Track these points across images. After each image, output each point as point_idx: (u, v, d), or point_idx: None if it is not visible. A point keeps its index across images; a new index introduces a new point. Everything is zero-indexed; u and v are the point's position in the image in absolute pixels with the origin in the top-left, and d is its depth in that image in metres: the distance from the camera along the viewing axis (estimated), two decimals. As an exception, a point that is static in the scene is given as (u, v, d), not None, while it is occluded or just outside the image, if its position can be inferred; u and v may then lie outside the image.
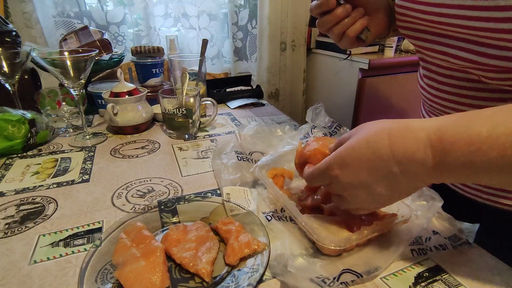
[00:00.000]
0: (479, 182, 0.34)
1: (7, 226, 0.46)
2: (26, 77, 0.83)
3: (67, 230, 0.45)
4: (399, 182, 0.32)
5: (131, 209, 0.50)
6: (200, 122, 0.80)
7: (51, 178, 0.59)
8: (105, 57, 0.93)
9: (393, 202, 0.36)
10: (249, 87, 1.11)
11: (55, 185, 0.56)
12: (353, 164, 0.34)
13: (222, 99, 1.03)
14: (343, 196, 0.37)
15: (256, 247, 0.39)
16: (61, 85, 0.80)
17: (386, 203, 0.37)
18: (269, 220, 0.46)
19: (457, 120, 0.30)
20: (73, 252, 0.41)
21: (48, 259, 0.40)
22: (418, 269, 0.38)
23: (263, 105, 1.02)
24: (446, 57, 0.44)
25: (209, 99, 0.79)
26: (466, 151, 0.28)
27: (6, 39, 0.78)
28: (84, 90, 0.79)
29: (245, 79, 1.15)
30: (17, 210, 0.50)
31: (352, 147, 0.34)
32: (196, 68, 0.81)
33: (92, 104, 0.89)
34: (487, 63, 0.39)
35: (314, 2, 0.50)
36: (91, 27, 1.04)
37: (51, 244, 0.43)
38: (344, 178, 0.35)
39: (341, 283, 0.35)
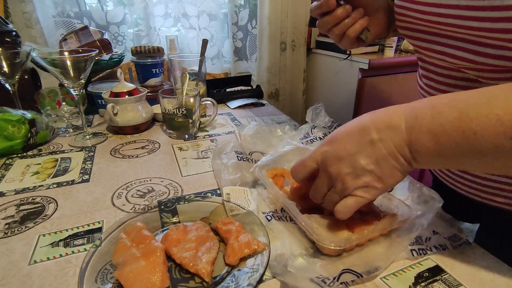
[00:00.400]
0: (449, 166, 0.35)
1: (7, 226, 0.46)
2: (26, 77, 0.83)
3: (67, 230, 0.45)
4: (380, 153, 0.34)
5: (131, 209, 0.50)
6: (200, 122, 0.80)
7: (51, 178, 0.59)
8: (105, 57, 0.93)
9: (377, 185, 0.35)
10: (249, 87, 1.11)
11: (55, 185, 0.56)
12: (340, 137, 0.36)
13: (222, 99, 1.03)
14: (330, 176, 0.37)
15: (256, 247, 0.39)
16: (61, 85, 0.80)
17: (371, 184, 0.35)
18: (269, 220, 0.46)
19: (428, 99, 0.33)
20: (73, 252, 0.41)
21: (48, 259, 0.40)
22: (418, 269, 0.38)
23: (263, 105, 1.02)
24: (444, 56, 0.44)
25: (209, 99, 0.79)
26: (429, 113, 0.31)
27: (6, 39, 0.78)
28: (84, 90, 0.79)
29: (245, 79, 1.15)
30: (17, 210, 0.50)
31: (341, 126, 0.38)
32: (196, 68, 0.81)
33: (92, 104, 0.89)
34: (483, 62, 0.39)
35: (314, 3, 0.50)
36: (91, 27, 1.04)
37: (51, 244, 0.43)
38: (331, 152, 0.36)
39: (341, 283, 0.35)
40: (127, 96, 0.75)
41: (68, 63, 0.63)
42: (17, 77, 0.72)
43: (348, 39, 0.51)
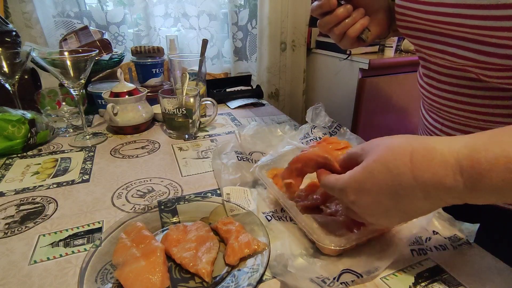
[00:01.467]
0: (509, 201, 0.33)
1: (7, 226, 0.46)
2: (26, 77, 0.83)
3: (67, 230, 0.45)
4: (421, 206, 0.31)
5: (131, 209, 0.50)
6: (200, 122, 0.80)
7: (51, 178, 0.59)
8: (105, 57, 0.93)
9: (410, 219, 0.35)
10: (249, 87, 1.11)
11: (55, 185, 0.56)
12: (371, 190, 0.32)
13: (222, 99, 1.03)
14: (359, 215, 0.35)
15: (256, 247, 0.39)
16: (61, 85, 0.80)
17: (405, 221, 0.36)
18: (269, 220, 0.46)
19: (489, 143, 0.27)
20: (73, 252, 0.41)
21: (48, 259, 0.40)
22: (418, 269, 0.38)
23: (263, 105, 1.02)
24: (445, 55, 0.44)
25: (209, 99, 0.79)
26: (502, 177, 0.26)
27: (6, 39, 0.78)
28: (84, 90, 0.79)
29: (245, 79, 1.15)
30: (17, 210, 0.50)
31: (369, 170, 0.32)
32: (196, 68, 0.81)
33: (92, 104, 0.89)
34: (485, 61, 0.39)
35: (315, 3, 0.50)
36: (91, 27, 1.04)
37: (51, 244, 0.43)
38: (361, 204, 0.33)
39: (341, 283, 0.35)
40: (127, 96, 0.75)
41: (68, 63, 0.63)
42: (17, 77, 0.72)
43: (349, 39, 0.51)
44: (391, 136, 0.33)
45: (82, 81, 0.67)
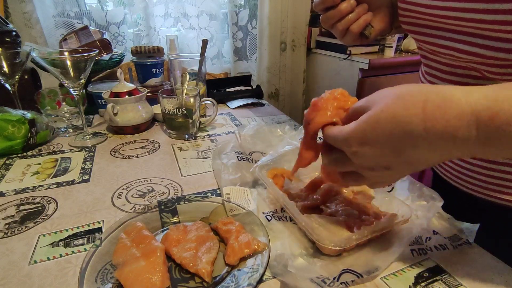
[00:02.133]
0: None
1: (7, 226, 0.46)
2: (26, 77, 0.83)
3: (67, 230, 0.45)
4: (428, 158, 0.29)
5: (131, 209, 0.50)
6: (200, 122, 0.80)
7: (51, 178, 0.59)
8: (105, 57, 0.93)
9: (412, 172, 0.33)
10: (249, 87, 1.11)
11: (55, 185, 0.56)
12: (377, 141, 0.29)
13: (222, 99, 1.03)
14: (359, 172, 0.34)
15: (256, 247, 0.39)
16: (61, 85, 0.80)
17: (405, 175, 0.34)
18: (269, 220, 0.46)
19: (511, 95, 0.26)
20: (73, 252, 0.41)
21: (48, 259, 0.40)
22: (418, 269, 0.38)
23: (263, 105, 1.02)
24: (450, 51, 0.44)
25: (209, 99, 0.79)
26: None
27: (6, 39, 0.78)
28: (84, 90, 0.79)
29: (245, 79, 1.15)
30: (17, 210, 0.50)
31: (375, 120, 0.29)
32: (196, 68, 0.81)
33: (92, 104, 0.89)
34: (491, 56, 0.39)
35: None
36: (91, 27, 1.04)
37: (51, 244, 0.43)
38: (364, 157, 0.31)
39: (341, 283, 0.35)
40: (127, 96, 0.75)
41: (68, 63, 0.63)
42: (17, 77, 0.72)
43: (352, 35, 0.51)
44: (401, 85, 0.31)
45: (82, 81, 0.67)
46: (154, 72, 0.98)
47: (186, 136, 0.77)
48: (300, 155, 0.39)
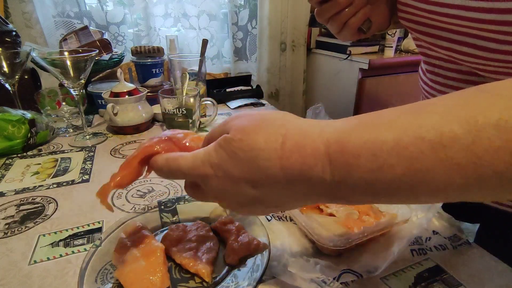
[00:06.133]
0: (382, 203, 0.30)
1: (7, 226, 0.46)
2: (26, 77, 0.83)
3: (67, 230, 0.45)
4: (283, 200, 0.26)
5: (131, 209, 0.50)
6: (200, 122, 0.80)
7: (51, 178, 0.59)
8: (105, 57, 0.93)
9: (270, 213, 0.31)
10: (249, 87, 1.11)
11: (55, 185, 0.56)
12: (233, 172, 0.25)
13: (222, 99, 1.03)
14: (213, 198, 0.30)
15: (256, 247, 0.39)
16: (61, 85, 0.80)
17: (261, 214, 0.32)
18: (269, 220, 0.46)
19: (360, 123, 0.23)
20: (73, 252, 0.41)
21: (48, 259, 0.40)
22: (418, 269, 0.38)
23: (263, 105, 1.02)
24: (451, 52, 0.43)
25: (209, 99, 0.79)
26: (369, 167, 0.21)
27: (6, 39, 0.78)
28: (84, 90, 0.79)
29: (245, 79, 1.15)
30: (17, 210, 0.50)
31: (232, 150, 0.25)
32: (196, 68, 0.81)
33: (92, 104, 0.89)
34: (493, 58, 0.38)
35: None
36: (91, 27, 1.04)
37: (51, 244, 0.43)
38: (217, 184, 0.27)
39: (341, 283, 0.35)
40: (127, 96, 0.75)
41: (68, 63, 0.63)
42: (17, 77, 0.72)
43: (349, 30, 0.48)
44: (264, 112, 0.28)
45: (82, 81, 0.67)
46: (154, 72, 0.98)
47: (186, 136, 0.76)
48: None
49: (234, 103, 1.01)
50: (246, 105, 1.00)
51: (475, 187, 0.20)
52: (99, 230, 0.45)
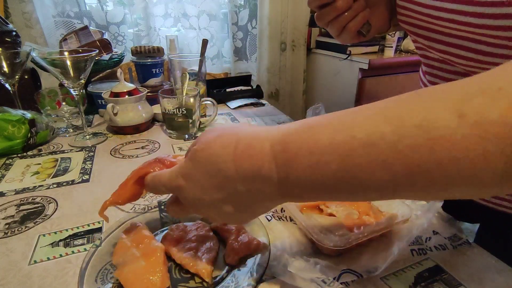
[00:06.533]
0: (328, 200, 0.31)
1: (7, 226, 0.46)
2: (26, 77, 0.83)
3: (67, 230, 0.45)
4: (247, 202, 0.28)
5: (131, 209, 0.50)
6: (200, 122, 0.80)
7: (51, 178, 0.59)
8: (105, 57, 0.93)
9: (248, 221, 0.32)
10: (249, 87, 1.11)
11: (55, 185, 0.56)
12: (200, 179, 0.28)
13: (222, 99, 1.03)
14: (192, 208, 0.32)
15: (256, 247, 0.39)
16: (61, 85, 0.80)
17: (240, 221, 0.34)
18: (269, 220, 0.46)
19: (302, 125, 0.25)
20: (73, 252, 0.41)
21: (48, 259, 0.40)
22: (418, 269, 0.38)
23: (263, 105, 1.02)
24: (448, 56, 0.43)
25: (209, 99, 0.79)
26: (307, 163, 0.23)
27: (6, 39, 0.78)
28: (84, 90, 0.79)
29: (245, 79, 1.15)
30: (17, 210, 0.50)
31: (195, 158, 0.29)
32: (196, 68, 0.81)
33: (92, 104, 0.89)
34: (491, 62, 0.39)
35: None
36: (91, 27, 1.04)
37: (51, 244, 0.43)
38: (189, 193, 0.29)
39: (341, 283, 0.35)
40: (127, 96, 0.75)
41: (68, 63, 0.63)
42: (17, 77, 0.72)
43: (349, 33, 0.49)
44: (227, 125, 0.31)
45: (82, 81, 0.67)
46: (154, 72, 0.98)
47: (186, 136, 0.77)
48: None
49: (234, 103, 1.01)
50: (246, 105, 1.00)
51: (405, 184, 0.21)
52: (99, 230, 0.45)
